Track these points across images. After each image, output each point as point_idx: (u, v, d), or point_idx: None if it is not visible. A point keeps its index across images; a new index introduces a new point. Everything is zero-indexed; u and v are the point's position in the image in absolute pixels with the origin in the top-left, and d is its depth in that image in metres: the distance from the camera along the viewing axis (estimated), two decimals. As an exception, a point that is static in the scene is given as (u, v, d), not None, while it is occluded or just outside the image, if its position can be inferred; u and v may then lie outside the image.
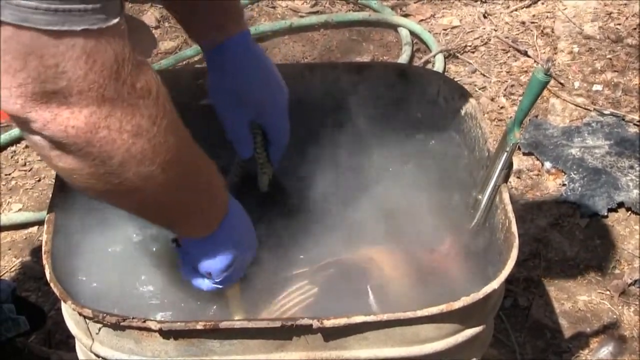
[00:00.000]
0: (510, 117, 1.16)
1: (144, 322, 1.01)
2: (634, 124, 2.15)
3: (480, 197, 1.21)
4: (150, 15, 2.53)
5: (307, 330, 1.02)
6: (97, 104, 0.82)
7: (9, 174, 2.06)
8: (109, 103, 0.82)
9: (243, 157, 1.25)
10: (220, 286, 1.12)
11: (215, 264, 1.09)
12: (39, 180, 2.04)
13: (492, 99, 2.26)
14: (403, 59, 2.34)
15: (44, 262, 1.07)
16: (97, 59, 0.80)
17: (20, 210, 1.96)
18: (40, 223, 1.90)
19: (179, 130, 0.93)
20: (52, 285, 1.04)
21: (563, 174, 2.03)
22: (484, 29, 2.50)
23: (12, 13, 0.76)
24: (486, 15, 2.55)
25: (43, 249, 1.08)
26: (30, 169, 2.07)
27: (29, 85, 0.79)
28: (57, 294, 1.04)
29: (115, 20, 0.81)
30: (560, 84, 2.29)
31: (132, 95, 0.84)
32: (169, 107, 0.90)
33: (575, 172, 2.01)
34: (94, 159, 0.86)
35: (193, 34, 1.24)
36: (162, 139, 0.88)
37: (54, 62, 0.78)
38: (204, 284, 1.12)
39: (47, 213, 1.13)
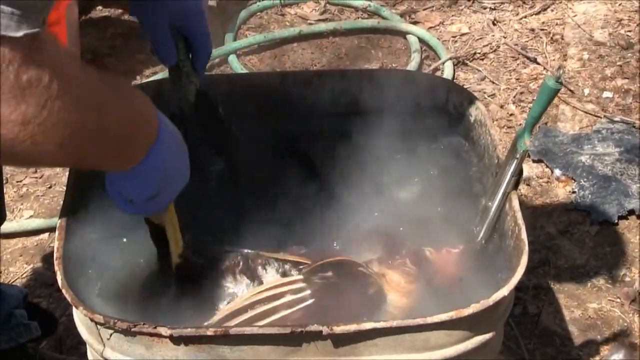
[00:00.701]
0: (520, 124, 1.17)
1: (155, 327, 1.01)
2: (644, 131, 2.15)
3: (489, 204, 1.21)
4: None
5: (317, 336, 1.02)
6: None
7: (20, 181, 2.07)
8: None
9: (168, 63, 1.25)
10: (146, 212, 1.12)
11: (137, 193, 1.08)
12: (50, 187, 2.05)
13: (502, 106, 2.26)
14: (412, 66, 2.34)
15: (56, 268, 1.07)
16: None
17: (31, 217, 1.97)
18: (51, 230, 1.91)
19: (86, 102, 0.93)
20: (63, 291, 1.05)
21: (573, 181, 2.03)
22: (493, 36, 2.50)
23: None
24: (495, 22, 2.55)
25: (55, 255, 1.09)
26: (42, 176, 2.08)
27: None
28: (69, 300, 1.04)
29: (19, 34, 0.83)
30: (570, 90, 2.29)
31: (16, 86, 0.85)
32: (70, 85, 0.90)
33: (585, 179, 2.01)
34: None
35: None
36: (55, 119, 0.89)
37: None
38: (128, 208, 1.10)
39: (59, 219, 1.14)
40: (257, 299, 1.17)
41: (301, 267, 1.21)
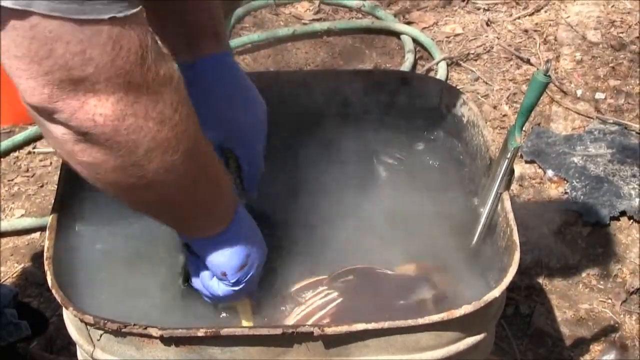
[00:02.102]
0: (513, 124, 1.16)
1: (145, 328, 1.01)
2: (637, 132, 2.15)
3: (482, 205, 1.21)
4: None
5: (308, 337, 1.02)
6: (124, 91, 0.83)
7: (12, 180, 2.07)
8: (135, 89, 0.83)
9: None
10: (237, 288, 1.10)
11: (229, 261, 1.07)
12: (42, 186, 2.05)
13: (495, 107, 2.26)
14: (406, 66, 2.34)
15: (46, 268, 1.07)
16: (123, 45, 0.81)
17: (22, 216, 1.97)
18: (42, 229, 1.90)
19: (196, 119, 0.93)
20: (53, 291, 1.04)
21: (565, 182, 2.03)
22: (487, 36, 2.50)
23: (41, 3, 0.77)
24: (489, 23, 2.55)
25: (45, 255, 1.08)
26: (33, 175, 2.08)
27: (56, 73, 0.80)
28: (59, 300, 1.04)
29: (138, 9, 0.82)
30: (563, 91, 2.29)
31: (157, 81, 0.84)
32: (187, 96, 0.90)
33: (577, 180, 2.01)
34: (121, 149, 0.86)
35: (166, 48, 1.19)
36: (184, 126, 0.89)
37: (80, 48, 0.79)
38: (219, 288, 1.10)
39: (50, 219, 1.13)
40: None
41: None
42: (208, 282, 1.11)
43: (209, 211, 1.03)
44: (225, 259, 1.07)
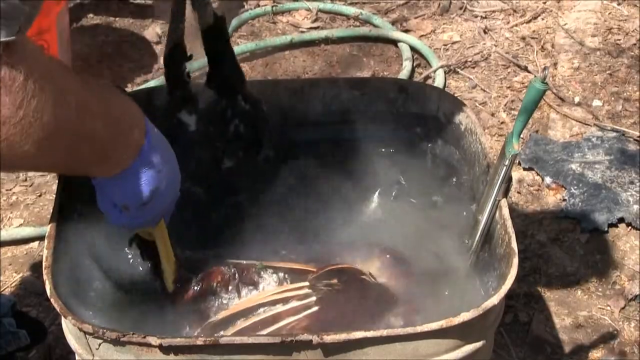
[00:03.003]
0: (510, 132, 1.17)
1: (144, 337, 1.01)
2: (635, 139, 2.16)
3: (480, 213, 1.21)
4: (152, 31, 2.54)
5: (307, 345, 1.02)
6: None
7: (10, 189, 2.07)
8: None
9: None
10: (141, 220, 1.10)
11: (131, 197, 1.06)
12: (40, 196, 2.05)
13: (493, 114, 2.27)
14: (403, 74, 2.34)
15: (45, 277, 1.07)
16: None
17: (21, 225, 1.97)
18: (41, 238, 1.90)
19: (64, 103, 0.91)
20: (52, 300, 1.04)
21: (563, 189, 2.03)
22: (485, 44, 2.51)
23: None
24: (486, 30, 2.56)
25: (43, 264, 1.08)
26: (32, 184, 2.08)
27: None
28: (58, 309, 1.04)
29: None
30: (561, 98, 2.29)
31: None
32: (47, 84, 0.89)
33: (575, 187, 2.02)
34: None
35: None
36: (32, 119, 0.88)
37: None
38: (123, 217, 1.09)
39: (48, 228, 1.13)
40: (263, 302, 1.17)
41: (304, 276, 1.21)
42: (111, 210, 1.09)
43: (99, 164, 1.02)
44: (126, 195, 1.06)
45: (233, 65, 1.29)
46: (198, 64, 2.31)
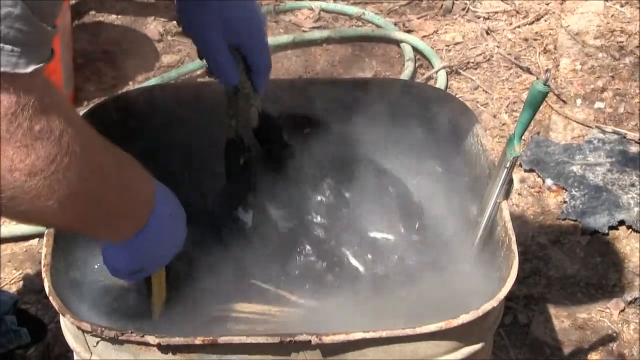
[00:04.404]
0: (512, 133, 1.17)
1: (143, 336, 1.01)
2: (636, 142, 2.15)
3: (481, 214, 1.21)
4: (154, 29, 2.54)
5: (306, 346, 1.02)
6: None
7: (11, 186, 2.07)
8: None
9: (230, 82, 1.19)
10: (131, 280, 1.13)
11: (122, 266, 1.09)
12: (41, 192, 2.05)
13: (494, 116, 2.26)
14: (405, 74, 2.34)
15: (44, 275, 1.07)
16: None
17: (21, 222, 1.97)
18: (40, 236, 1.90)
19: (89, 164, 0.93)
20: (51, 298, 1.04)
21: (564, 191, 2.03)
22: (487, 45, 2.51)
23: None
24: (489, 31, 2.55)
25: (42, 262, 1.08)
26: (32, 181, 2.08)
27: None
28: (56, 308, 1.04)
29: (28, 70, 0.82)
30: (563, 101, 2.29)
31: (28, 136, 0.84)
32: (78, 145, 0.90)
33: (576, 189, 2.01)
34: None
35: None
36: (61, 176, 0.88)
37: None
38: (113, 273, 1.11)
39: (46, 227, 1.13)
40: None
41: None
42: (106, 262, 1.10)
43: (102, 232, 1.04)
44: (118, 264, 1.08)
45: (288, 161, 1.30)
46: (191, 66, 2.34)
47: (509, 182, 1.18)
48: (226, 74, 1.18)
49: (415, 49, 2.45)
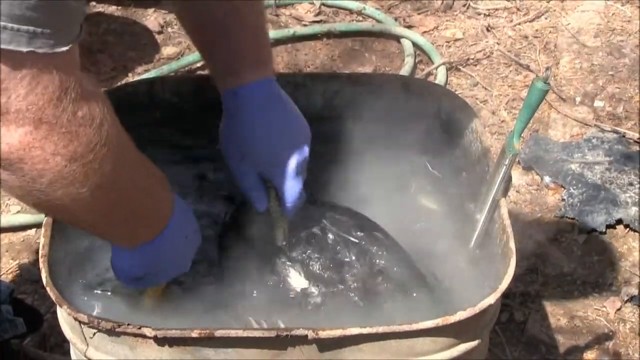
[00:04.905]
0: (511, 131, 1.16)
1: (139, 328, 1.00)
2: (635, 141, 2.15)
3: (479, 212, 1.21)
4: (154, 21, 2.54)
5: (302, 340, 1.02)
6: (33, 125, 0.83)
7: (9, 176, 2.06)
8: (46, 126, 0.84)
9: (258, 210, 1.20)
10: (131, 286, 1.13)
11: (125, 270, 1.09)
12: (39, 183, 2.04)
13: (493, 113, 2.26)
14: (405, 70, 2.34)
15: (41, 265, 1.07)
16: (40, 82, 0.81)
17: (18, 212, 1.96)
18: (38, 226, 1.90)
19: (121, 158, 0.94)
20: (48, 289, 1.04)
21: (562, 189, 2.03)
22: (487, 42, 2.50)
23: None
24: (489, 28, 2.55)
25: (40, 252, 1.08)
26: (30, 171, 2.07)
27: None
28: (53, 298, 1.04)
29: (65, 48, 0.82)
30: (562, 99, 2.29)
31: (72, 122, 0.85)
32: (114, 136, 0.91)
33: (574, 187, 2.01)
34: (24, 175, 0.87)
35: (211, 74, 1.22)
36: (97, 165, 0.89)
37: None
38: (116, 273, 1.12)
39: (45, 216, 1.13)
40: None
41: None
42: (112, 263, 1.11)
43: (120, 234, 1.05)
44: (120, 268, 1.09)
45: None
46: (191, 58, 2.34)
47: (508, 179, 1.18)
48: (255, 203, 1.20)
49: (415, 45, 2.45)
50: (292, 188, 1.18)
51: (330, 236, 1.21)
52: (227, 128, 1.18)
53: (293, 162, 1.17)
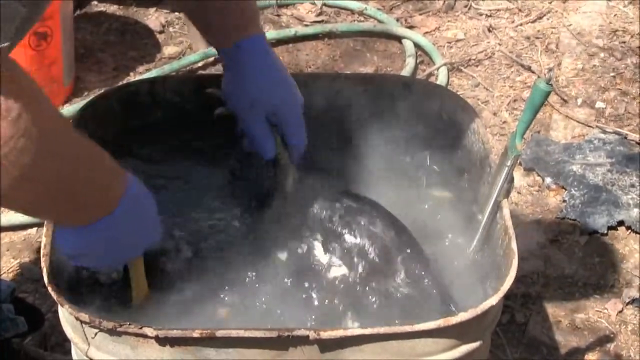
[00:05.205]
0: (512, 132, 1.16)
1: (141, 328, 1.00)
2: (637, 142, 2.15)
3: (481, 213, 1.21)
4: (155, 20, 2.54)
5: (304, 341, 1.02)
6: None
7: (10, 175, 2.06)
8: None
9: (266, 157, 1.26)
10: (77, 264, 1.12)
11: (59, 246, 1.07)
12: (40, 182, 2.04)
13: (495, 114, 2.26)
14: (406, 70, 2.34)
15: (42, 265, 1.07)
16: None
17: (19, 211, 1.96)
18: (39, 225, 1.90)
19: (46, 151, 0.92)
20: (49, 288, 1.04)
21: (564, 190, 2.03)
22: (489, 42, 2.50)
23: None
24: (491, 29, 2.55)
25: (42, 251, 1.08)
26: (31, 170, 2.07)
27: None
28: (55, 298, 1.04)
29: None
30: (564, 100, 2.29)
31: None
32: (35, 129, 0.89)
33: (576, 188, 2.01)
34: None
35: (209, 34, 1.30)
36: (14, 157, 0.88)
37: None
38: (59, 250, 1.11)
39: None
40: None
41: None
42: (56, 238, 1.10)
43: (53, 218, 1.04)
44: (61, 242, 1.07)
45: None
46: (193, 58, 2.34)
47: (510, 180, 1.18)
48: (264, 150, 1.25)
49: (417, 45, 2.45)
50: (299, 129, 1.26)
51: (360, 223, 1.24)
52: (231, 83, 1.25)
53: (298, 105, 1.26)
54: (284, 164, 1.26)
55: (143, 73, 2.34)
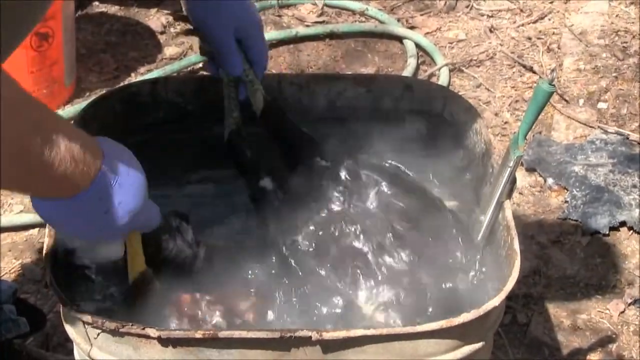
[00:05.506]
0: (514, 133, 1.16)
1: (143, 329, 1.00)
2: (638, 143, 2.15)
3: (483, 213, 1.21)
4: (157, 21, 2.54)
5: (306, 342, 1.02)
6: None
7: (11, 175, 2.06)
8: None
9: (235, 73, 1.30)
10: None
11: (41, 214, 1.03)
12: (41, 183, 2.04)
13: (496, 114, 2.26)
14: (408, 71, 2.34)
15: (45, 265, 1.07)
16: None
17: (21, 212, 1.96)
18: (40, 225, 1.90)
19: (5, 142, 0.89)
20: (51, 289, 1.04)
21: (565, 191, 2.03)
22: (490, 43, 2.50)
23: None
24: (492, 29, 2.55)
25: (44, 252, 1.08)
26: (33, 171, 2.07)
27: None
28: (57, 298, 1.04)
29: None
30: (565, 100, 2.29)
31: None
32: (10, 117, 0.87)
33: (577, 189, 2.01)
34: None
35: None
36: None
37: None
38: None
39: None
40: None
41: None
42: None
43: (22, 193, 1.03)
44: (37, 210, 1.03)
45: (296, 135, 1.35)
46: (194, 58, 2.34)
47: (512, 181, 1.18)
48: (233, 65, 1.30)
49: (418, 46, 2.45)
50: (263, 44, 1.34)
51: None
52: (197, 7, 1.29)
53: (260, 23, 1.33)
54: (251, 79, 1.31)
55: (144, 74, 2.35)
